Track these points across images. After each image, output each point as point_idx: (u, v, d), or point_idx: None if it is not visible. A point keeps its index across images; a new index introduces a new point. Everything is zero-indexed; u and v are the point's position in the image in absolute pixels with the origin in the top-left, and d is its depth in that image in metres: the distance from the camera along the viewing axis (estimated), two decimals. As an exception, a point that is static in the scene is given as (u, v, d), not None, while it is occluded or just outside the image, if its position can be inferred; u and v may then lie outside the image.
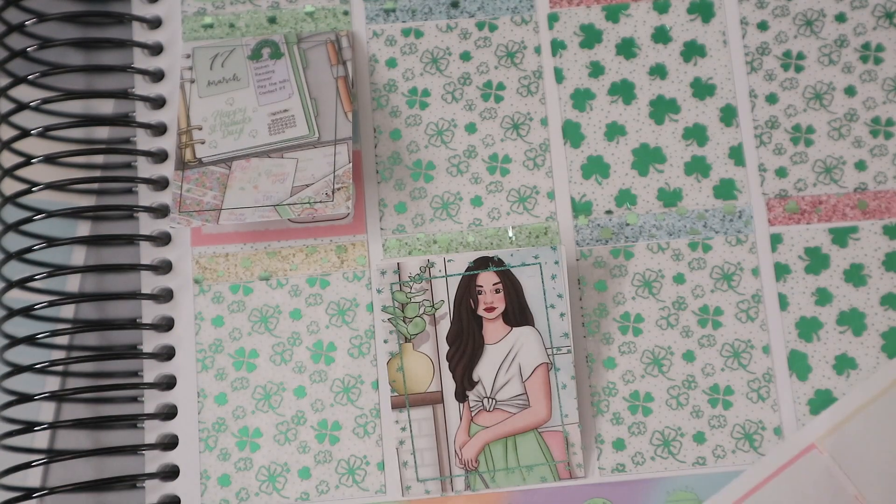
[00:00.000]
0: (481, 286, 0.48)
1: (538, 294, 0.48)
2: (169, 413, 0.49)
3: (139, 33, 0.52)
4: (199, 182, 0.47)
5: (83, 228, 0.51)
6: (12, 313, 0.48)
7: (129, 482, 0.48)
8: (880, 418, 0.46)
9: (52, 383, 0.49)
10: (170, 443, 0.48)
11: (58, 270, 0.48)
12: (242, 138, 0.48)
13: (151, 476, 0.47)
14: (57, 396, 0.48)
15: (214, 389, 0.48)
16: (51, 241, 0.48)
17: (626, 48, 0.51)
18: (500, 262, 0.48)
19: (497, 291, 0.48)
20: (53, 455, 0.47)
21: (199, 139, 0.48)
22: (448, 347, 0.47)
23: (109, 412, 0.49)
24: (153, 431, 0.48)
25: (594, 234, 0.49)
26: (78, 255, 0.51)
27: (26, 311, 0.47)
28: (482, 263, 0.48)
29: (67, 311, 0.50)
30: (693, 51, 0.51)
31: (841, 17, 0.51)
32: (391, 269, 0.48)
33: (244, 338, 0.49)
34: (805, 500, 0.45)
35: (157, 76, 0.51)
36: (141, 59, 0.52)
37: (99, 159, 0.52)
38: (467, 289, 0.48)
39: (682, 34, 0.51)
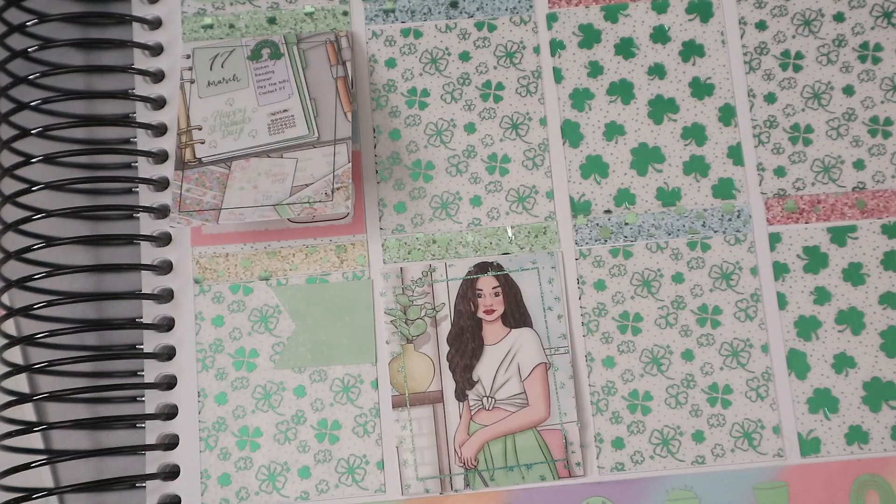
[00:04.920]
0: (481, 290, 0.48)
1: (536, 297, 0.48)
2: (169, 413, 0.49)
3: (139, 34, 0.52)
4: (198, 182, 0.47)
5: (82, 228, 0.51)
6: (11, 313, 0.48)
7: (130, 482, 0.48)
8: None
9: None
10: (170, 443, 0.48)
11: (58, 270, 0.48)
12: (242, 138, 0.48)
13: (152, 476, 0.47)
14: (56, 396, 0.48)
15: (214, 389, 0.49)
16: (50, 241, 0.48)
17: (625, 48, 0.51)
18: (499, 267, 0.48)
19: (496, 295, 0.48)
20: (54, 455, 0.47)
21: (199, 139, 0.48)
22: (448, 348, 0.48)
23: (110, 412, 0.50)
24: (154, 431, 0.49)
25: (593, 234, 0.49)
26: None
27: (25, 311, 0.47)
28: (482, 268, 0.48)
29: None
30: (692, 50, 0.51)
31: (839, 17, 0.51)
32: (394, 274, 0.48)
33: (244, 337, 0.49)
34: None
35: (158, 77, 0.51)
36: (141, 60, 0.52)
37: (99, 159, 0.52)
38: (467, 292, 0.48)
39: (681, 34, 0.51)
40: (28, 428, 0.47)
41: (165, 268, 0.50)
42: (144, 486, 0.48)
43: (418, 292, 0.48)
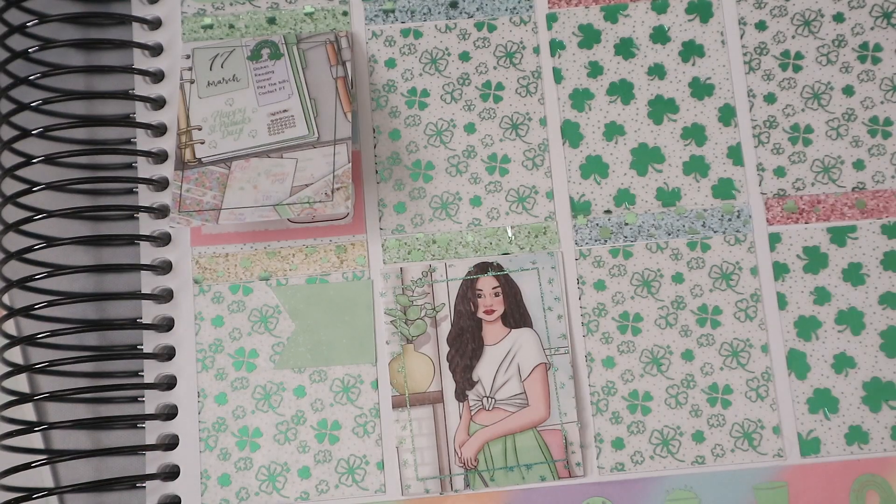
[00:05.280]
0: (481, 290, 0.48)
1: (536, 297, 0.48)
2: (169, 413, 0.49)
3: (139, 34, 0.52)
4: (198, 182, 0.47)
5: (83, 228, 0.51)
6: (12, 313, 0.48)
7: (130, 483, 0.48)
8: None
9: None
10: (170, 443, 0.48)
11: (58, 270, 0.48)
12: (242, 138, 0.48)
13: (152, 477, 0.47)
14: (56, 396, 0.48)
15: (214, 389, 0.49)
16: (51, 241, 0.48)
17: (625, 48, 0.51)
18: (499, 267, 0.48)
19: (496, 295, 0.48)
20: (54, 455, 0.47)
21: (199, 139, 0.48)
22: (448, 348, 0.48)
23: (110, 412, 0.50)
24: (154, 432, 0.49)
25: (593, 234, 0.49)
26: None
27: (26, 311, 0.47)
28: (482, 268, 0.48)
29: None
30: (691, 51, 0.51)
31: (839, 17, 0.51)
32: (394, 274, 0.48)
33: (244, 338, 0.49)
34: None
35: (158, 77, 0.52)
36: (141, 60, 0.52)
37: (99, 159, 0.52)
38: (467, 292, 0.48)
39: (681, 34, 0.51)
40: (28, 428, 0.47)
41: (165, 268, 0.50)
42: (144, 487, 0.48)
43: (418, 292, 0.48)
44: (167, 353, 0.49)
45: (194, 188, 0.47)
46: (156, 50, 0.52)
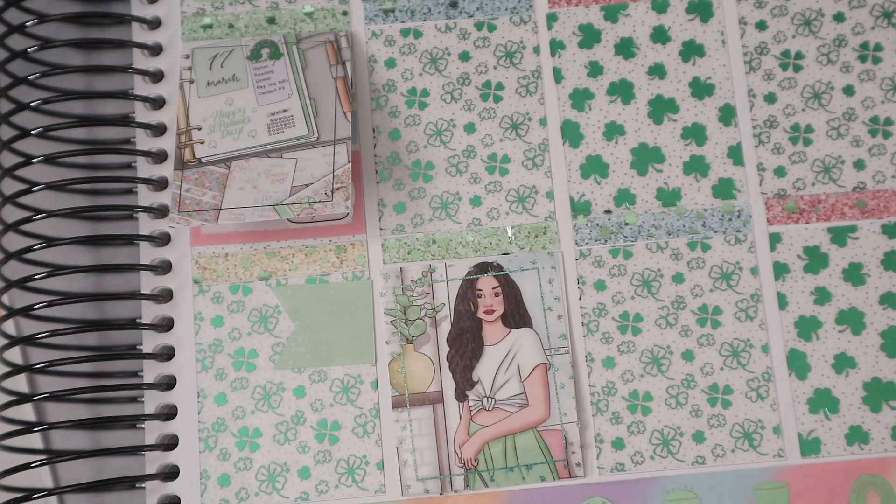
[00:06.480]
0: (481, 290, 0.48)
1: (536, 297, 0.48)
2: (169, 413, 0.49)
3: (139, 34, 0.52)
4: (198, 182, 0.47)
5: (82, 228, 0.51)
6: (11, 313, 0.48)
7: (130, 483, 0.48)
8: None
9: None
10: (170, 443, 0.48)
11: (58, 270, 0.48)
12: (242, 138, 0.48)
13: (152, 477, 0.47)
14: (56, 396, 0.48)
15: (214, 389, 0.49)
16: (50, 241, 0.48)
17: (625, 48, 0.51)
18: (499, 267, 0.48)
19: (496, 295, 0.48)
20: (54, 456, 0.47)
21: (199, 139, 0.48)
22: (448, 348, 0.48)
23: (109, 413, 0.50)
24: (153, 432, 0.49)
25: (593, 234, 0.49)
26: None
27: (25, 311, 0.47)
28: (482, 268, 0.48)
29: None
30: (692, 50, 0.51)
31: (839, 17, 0.51)
32: (394, 274, 0.48)
33: (244, 338, 0.49)
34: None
35: (157, 77, 0.51)
36: (140, 60, 0.52)
37: (99, 159, 0.52)
38: (467, 292, 0.48)
39: (681, 34, 0.51)
40: (28, 428, 0.47)
41: (165, 268, 0.50)
42: (144, 487, 0.48)
43: (418, 292, 0.48)
44: (167, 354, 0.49)
45: (194, 188, 0.47)
46: (155, 50, 0.52)
